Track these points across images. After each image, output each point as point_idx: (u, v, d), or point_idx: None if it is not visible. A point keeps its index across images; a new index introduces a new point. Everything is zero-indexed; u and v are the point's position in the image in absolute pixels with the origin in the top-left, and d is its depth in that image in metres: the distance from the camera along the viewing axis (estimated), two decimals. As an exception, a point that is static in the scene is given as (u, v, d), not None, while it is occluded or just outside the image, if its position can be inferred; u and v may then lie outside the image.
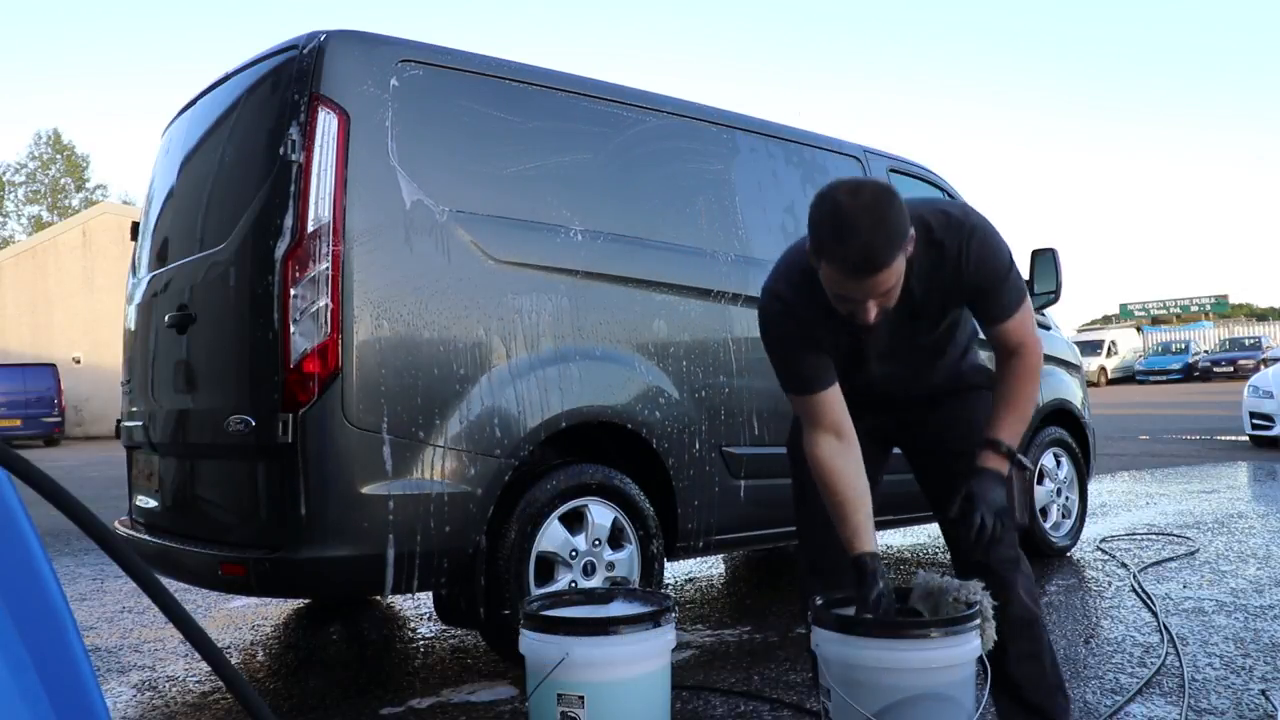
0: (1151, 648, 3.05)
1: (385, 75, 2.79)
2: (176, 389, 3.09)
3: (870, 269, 1.80)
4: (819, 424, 2.09)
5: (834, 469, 2.05)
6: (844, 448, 2.07)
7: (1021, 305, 2.06)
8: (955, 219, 2.01)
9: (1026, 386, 2.08)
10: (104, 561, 5.49)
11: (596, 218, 3.17)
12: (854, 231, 1.79)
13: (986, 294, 2.03)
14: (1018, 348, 2.07)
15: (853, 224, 1.79)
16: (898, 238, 1.81)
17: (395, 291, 2.70)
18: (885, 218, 1.79)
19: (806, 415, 2.12)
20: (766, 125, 3.84)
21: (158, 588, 0.86)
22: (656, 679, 2.12)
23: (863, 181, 1.88)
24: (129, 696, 3.02)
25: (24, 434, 20.49)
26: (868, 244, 1.79)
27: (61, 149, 43.70)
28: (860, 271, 1.81)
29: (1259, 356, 27.54)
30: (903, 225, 1.82)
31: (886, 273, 1.82)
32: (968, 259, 1.99)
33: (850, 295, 1.87)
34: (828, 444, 2.07)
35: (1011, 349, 2.08)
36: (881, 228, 1.79)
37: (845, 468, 2.06)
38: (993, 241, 2.02)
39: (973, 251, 1.99)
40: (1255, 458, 9.14)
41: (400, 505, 2.65)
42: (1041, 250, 4.53)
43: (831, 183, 1.90)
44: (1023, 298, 2.07)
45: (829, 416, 2.08)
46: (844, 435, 2.08)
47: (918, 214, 2.00)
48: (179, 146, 3.40)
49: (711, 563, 4.95)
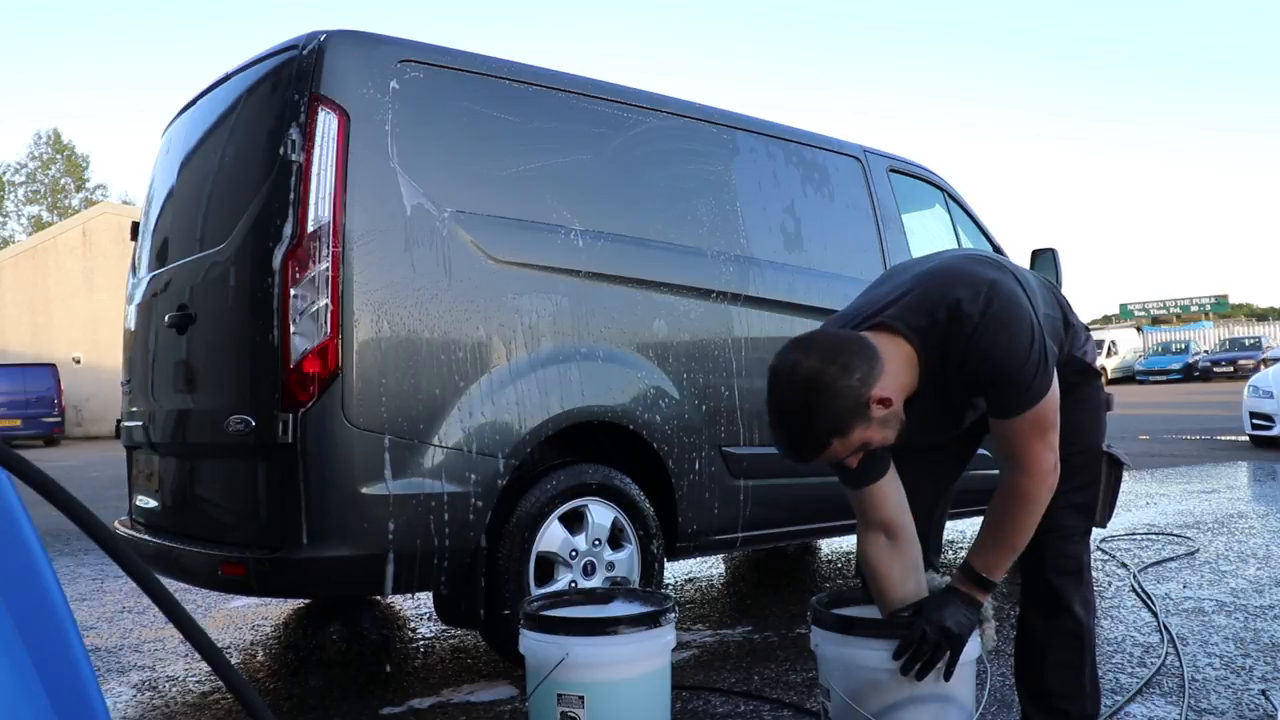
0: (1151, 648, 3.05)
1: (385, 75, 2.79)
2: (176, 389, 3.09)
3: (803, 458, 1.76)
4: (869, 520, 1.96)
5: (881, 571, 1.95)
6: (894, 548, 1.94)
7: (1025, 413, 1.79)
8: (963, 312, 1.79)
9: (1018, 516, 1.84)
10: (104, 561, 5.49)
11: (597, 218, 3.17)
12: (777, 418, 1.76)
13: (985, 388, 1.84)
14: (1015, 460, 1.83)
15: (779, 417, 1.75)
16: (827, 430, 1.71)
17: (395, 291, 2.70)
18: (810, 412, 1.70)
19: (857, 509, 1.99)
20: (766, 125, 3.84)
21: (158, 588, 0.86)
22: (656, 679, 2.12)
23: (802, 362, 1.74)
24: (129, 696, 3.02)
25: (24, 434, 20.48)
26: (789, 438, 1.75)
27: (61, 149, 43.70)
28: (795, 459, 1.77)
29: (1259, 356, 27.52)
30: (836, 415, 1.70)
31: (824, 457, 1.75)
32: (975, 351, 1.80)
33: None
34: (877, 543, 1.95)
35: (1009, 457, 1.84)
36: (802, 424, 1.72)
37: (892, 571, 1.94)
38: (1001, 334, 1.77)
39: (979, 345, 1.79)
40: (1255, 458, 9.13)
41: (400, 505, 2.65)
42: (1041, 250, 4.53)
43: (790, 341, 1.81)
44: (1032, 405, 1.79)
45: (879, 513, 1.94)
46: (896, 533, 1.94)
47: (931, 310, 1.82)
48: (179, 147, 3.40)
49: (711, 563, 4.95)
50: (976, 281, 1.82)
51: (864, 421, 1.73)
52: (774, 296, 3.58)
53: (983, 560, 1.88)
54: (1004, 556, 1.88)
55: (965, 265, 1.90)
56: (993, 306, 1.79)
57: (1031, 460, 1.82)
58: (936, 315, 1.81)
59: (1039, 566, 2.03)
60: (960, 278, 1.85)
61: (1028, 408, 1.80)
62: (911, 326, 1.83)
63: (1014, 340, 1.78)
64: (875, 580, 1.95)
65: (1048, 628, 2.05)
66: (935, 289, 1.85)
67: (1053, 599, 2.03)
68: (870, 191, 4.09)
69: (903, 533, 1.94)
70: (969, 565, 1.89)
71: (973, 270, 1.87)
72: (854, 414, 1.71)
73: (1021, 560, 1.99)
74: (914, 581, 1.95)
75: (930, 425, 1.98)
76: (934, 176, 4.54)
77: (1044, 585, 2.03)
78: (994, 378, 1.80)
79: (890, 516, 1.93)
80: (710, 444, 3.35)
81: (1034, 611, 2.08)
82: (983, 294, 1.80)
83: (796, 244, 3.73)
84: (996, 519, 1.88)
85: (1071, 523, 2.01)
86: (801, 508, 3.62)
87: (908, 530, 1.95)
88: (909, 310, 1.85)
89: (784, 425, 1.75)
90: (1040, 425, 1.81)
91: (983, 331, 1.77)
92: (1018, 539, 1.86)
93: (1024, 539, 1.86)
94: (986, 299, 1.79)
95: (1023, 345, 1.78)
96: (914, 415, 1.87)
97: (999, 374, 1.79)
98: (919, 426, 1.92)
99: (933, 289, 1.85)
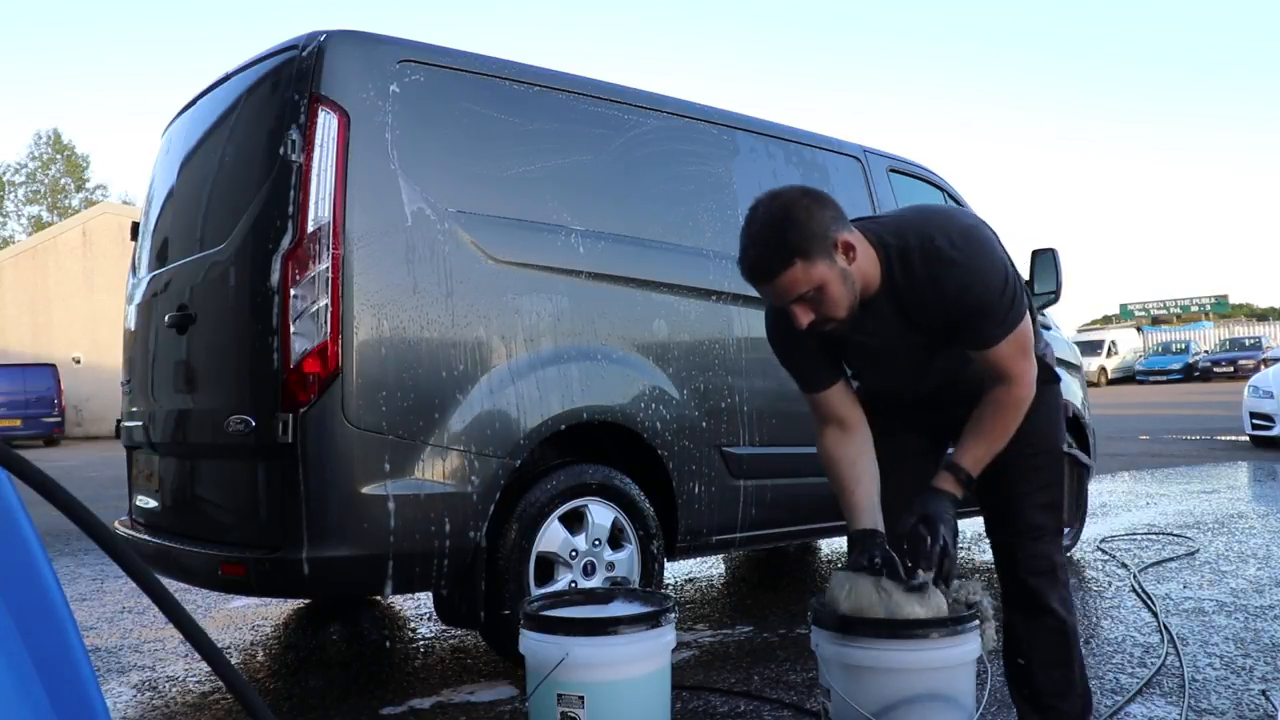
0: (1151, 648, 3.05)
1: (385, 76, 2.79)
2: (176, 389, 3.09)
3: (761, 276, 1.86)
4: (823, 418, 2.12)
5: (834, 455, 2.08)
6: (846, 436, 2.09)
7: (1007, 337, 1.93)
8: (936, 248, 1.91)
9: (1004, 418, 1.98)
10: (104, 561, 5.49)
11: (597, 218, 3.17)
12: (749, 239, 1.86)
13: (964, 325, 1.94)
14: (1003, 377, 1.97)
15: (750, 233, 1.86)
16: (795, 246, 1.81)
17: (395, 291, 2.70)
18: (783, 228, 1.81)
19: (813, 410, 2.16)
20: (766, 125, 3.84)
21: (158, 588, 0.86)
22: (656, 679, 2.12)
23: (783, 191, 1.89)
24: (129, 696, 3.02)
25: (24, 434, 20.48)
26: (759, 253, 1.84)
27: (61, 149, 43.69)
28: (754, 278, 1.88)
29: (1259, 356, 27.54)
30: (807, 233, 1.81)
31: (785, 279, 1.84)
32: (944, 290, 1.91)
33: (771, 300, 1.94)
34: (831, 434, 2.10)
35: (997, 377, 1.98)
36: (775, 237, 1.82)
37: (845, 453, 2.08)
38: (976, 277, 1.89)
39: (950, 284, 1.90)
40: (1255, 458, 9.14)
41: (400, 505, 2.65)
42: (1041, 250, 4.53)
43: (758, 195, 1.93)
44: (1012, 329, 1.93)
45: (833, 412, 2.10)
46: (848, 426, 2.10)
47: (903, 236, 1.95)
48: (179, 147, 3.40)
49: (711, 563, 4.95)
50: (953, 224, 1.95)
51: (828, 259, 1.84)
52: (774, 296, 3.58)
53: (970, 458, 1.98)
54: (988, 454, 1.99)
55: (949, 209, 2.07)
56: (970, 246, 1.91)
57: (1020, 374, 1.96)
58: (908, 240, 1.93)
59: (1013, 569, 2.11)
60: (940, 217, 2.00)
61: (1008, 332, 1.92)
62: (881, 241, 1.95)
63: (988, 278, 1.89)
64: (834, 465, 2.08)
65: (1030, 628, 2.11)
66: (914, 220, 1.99)
67: (1031, 600, 2.09)
68: (870, 191, 4.09)
69: (853, 424, 2.09)
70: (956, 464, 1.98)
71: (954, 213, 2.03)
72: (821, 242, 1.83)
73: (997, 564, 2.14)
74: (868, 461, 2.07)
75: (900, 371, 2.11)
76: (934, 176, 4.54)
77: (1020, 587, 2.10)
78: (972, 311, 1.90)
79: (844, 414, 2.09)
80: (710, 444, 3.35)
81: (1016, 614, 2.14)
82: (958, 235, 1.92)
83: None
84: (986, 423, 1.98)
85: (1040, 522, 2.10)
86: (801, 508, 3.62)
87: (858, 422, 2.10)
88: (883, 228, 1.98)
89: (755, 242, 1.85)
90: (1022, 345, 1.95)
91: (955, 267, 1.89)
92: (1004, 439, 1.99)
93: (1008, 438, 2.00)
94: (964, 238, 1.91)
95: (996, 282, 1.89)
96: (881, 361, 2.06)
97: (976, 306, 1.89)
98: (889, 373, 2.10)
99: (912, 219, 2.00)
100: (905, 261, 1.94)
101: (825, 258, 1.84)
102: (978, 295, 1.89)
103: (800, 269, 1.83)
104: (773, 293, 1.89)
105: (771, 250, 1.83)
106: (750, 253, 1.86)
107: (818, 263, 1.83)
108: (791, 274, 1.83)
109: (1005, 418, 1.98)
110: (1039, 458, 2.11)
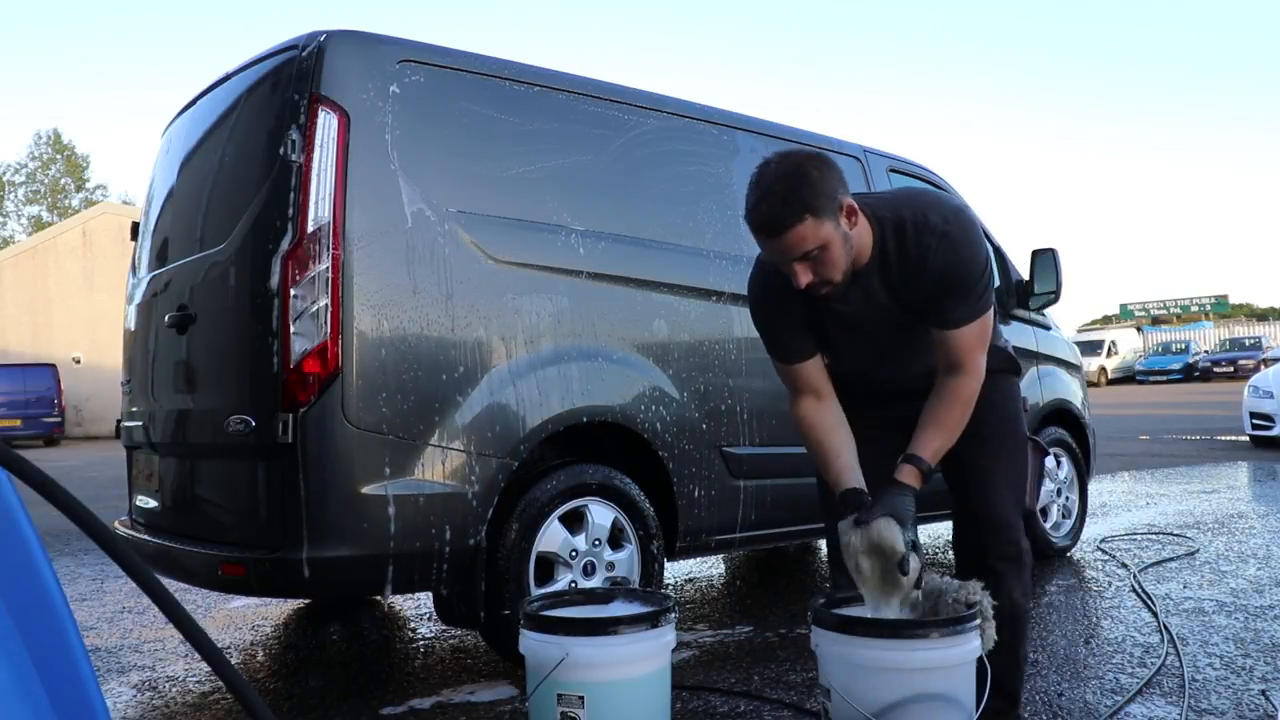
0: (1151, 648, 3.05)
1: (385, 76, 2.79)
2: (176, 389, 3.09)
3: (774, 229, 1.89)
4: (798, 389, 2.18)
5: (813, 422, 2.14)
6: (821, 405, 2.16)
7: (974, 321, 2.02)
8: (929, 222, 1.99)
9: (957, 410, 2.05)
10: (104, 561, 5.49)
11: (597, 218, 3.17)
12: (763, 193, 1.89)
13: (939, 301, 2.01)
14: (958, 366, 2.03)
15: (764, 186, 1.89)
16: (807, 202, 1.86)
17: (395, 291, 2.70)
18: (796, 184, 1.86)
19: (788, 382, 2.21)
20: (767, 125, 3.84)
21: (158, 588, 0.86)
22: (656, 679, 2.12)
23: (793, 151, 1.95)
24: (129, 696, 3.02)
25: (24, 434, 20.48)
26: (771, 206, 1.87)
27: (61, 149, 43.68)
28: (764, 231, 1.91)
29: (1259, 356, 27.53)
30: (818, 190, 1.87)
31: (794, 234, 1.88)
32: (932, 264, 1.99)
33: (774, 257, 1.96)
34: (807, 404, 2.17)
35: (952, 364, 2.04)
36: (787, 191, 1.86)
37: (823, 420, 2.14)
38: (964, 253, 1.98)
39: (939, 258, 1.98)
40: (1255, 458, 9.14)
41: (400, 505, 2.65)
42: (1041, 250, 4.53)
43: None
44: (980, 315, 2.02)
45: (808, 383, 2.17)
46: (822, 396, 2.17)
47: (897, 208, 2.04)
48: (179, 147, 3.40)
49: (711, 563, 4.95)
50: (945, 203, 2.06)
51: (834, 220, 1.91)
52: (774, 296, 3.58)
53: (928, 450, 2.04)
54: (945, 445, 2.07)
55: (938, 193, 2.17)
56: (960, 222, 2.01)
57: (974, 365, 2.04)
58: (903, 215, 2.01)
59: (983, 554, 2.18)
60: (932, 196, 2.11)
61: (976, 317, 2.01)
62: (877, 215, 2.03)
63: (974, 254, 2.00)
64: (809, 429, 2.15)
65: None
66: (909, 199, 2.08)
67: (994, 585, 2.12)
68: (870, 191, 4.09)
69: (827, 395, 2.17)
70: (916, 456, 2.04)
71: (944, 195, 2.15)
72: (830, 202, 1.89)
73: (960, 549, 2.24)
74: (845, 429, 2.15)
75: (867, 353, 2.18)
76: (934, 177, 4.53)
77: (988, 572, 2.14)
78: (951, 286, 1.99)
79: (818, 386, 2.17)
80: (710, 444, 3.35)
81: None
82: (950, 212, 2.02)
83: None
84: (941, 414, 2.05)
85: (1009, 510, 2.19)
86: (801, 508, 3.62)
87: (830, 395, 2.18)
88: (879, 202, 2.08)
89: (766, 195, 1.89)
90: (983, 336, 2.05)
91: (947, 241, 1.97)
92: (958, 430, 2.07)
93: (961, 429, 2.08)
94: (955, 215, 2.02)
95: (980, 261, 2.00)
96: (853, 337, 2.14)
97: (957, 282, 1.98)
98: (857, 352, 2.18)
99: (906, 197, 2.10)
100: (899, 233, 2.01)
101: (831, 218, 1.90)
102: (961, 271, 1.98)
103: (810, 225, 1.87)
104: (778, 248, 1.92)
105: (784, 204, 1.86)
106: (761, 206, 1.89)
107: (825, 222, 1.88)
108: (801, 230, 1.87)
109: (958, 409, 2.05)
110: (1005, 449, 2.21)
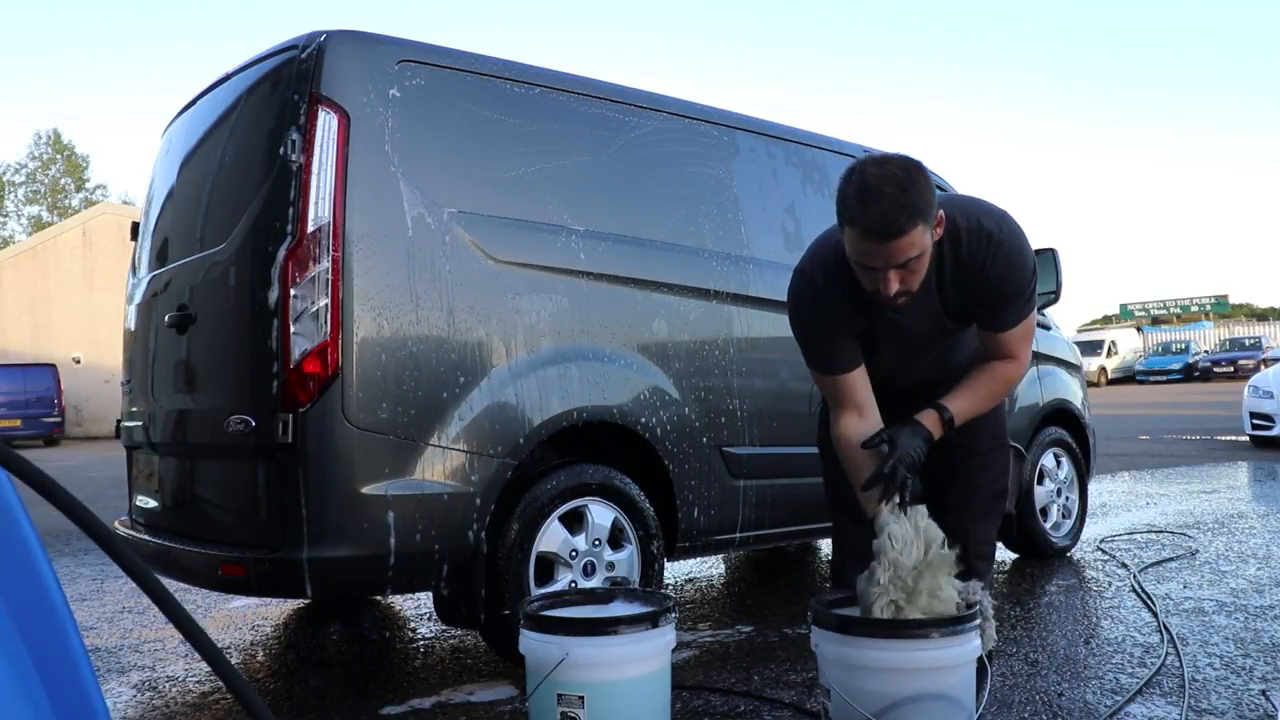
0: (1151, 648, 3.05)
1: (385, 76, 2.79)
2: (176, 389, 3.09)
3: (890, 233, 1.86)
4: (842, 403, 2.18)
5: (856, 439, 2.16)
6: (865, 424, 2.16)
7: (1024, 321, 2.11)
8: (985, 231, 2.03)
9: (996, 386, 2.15)
10: (104, 561, 5.49)
11: (597, 218, 3.17)
12: (876, 196, 1.85)
13: (994, 307, 2.09)
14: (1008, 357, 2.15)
15: (876, 189, 1.86)
16: (919, 209, 1.86)
17: (395, 291, 2.70)
18: (907, 188, 1.85)
19: (832, 395, 2.21)
20: (766, 125, 3.84)
21: (158, 588, 0.86)
22: (656, 679, 2.12)
23: (891, 155, 1.94)
24: (129, 696, 3.02)
25: (24, 434, 20.48)
26: (888, 209, 1.85)
27: (61, 149, 43.67)
28: (880, 235, 1.87)
29: (1259, 356, 27.52)
30: (926, 198, 1.87)
31: (906, 240, 1.86)
32: (989, 273, 2.03)
33: (872, 263, 1.92)
34: (849, 422, 2.17)
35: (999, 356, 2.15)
36: (903, 195, 1.85)
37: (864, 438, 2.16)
38: (1017, 260, 2.05)
39: (996, 267, 2.03)
40: (1255, 458, 9.13)
41: (400, 505, 2.65)
42: (1041, 250, 4.52)
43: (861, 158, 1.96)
44: (1029, 313, 2.12)
45: (852, 396, 2.16)
46: (865, 413, 2.17)
47: (951, 215, 2.04)
48: (179, 147, 3.40)
49: (711, 563, 4.95)
50: (991, 209, 2.13)
51: (929, 229, 1.92)
52: (774, 297, 3.57)
53: (956, 405, 2.15)
54: (972, 411, 2.18)
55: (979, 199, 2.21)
56: (1010, 228, 2.08)
57: (1021, 355, 2.16)
58: (957, 222, 2.04)
59: (964, 549, 2.21)
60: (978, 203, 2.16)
61: (1024, 319, 2.12)
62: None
63: (1026, 261, 2.07)
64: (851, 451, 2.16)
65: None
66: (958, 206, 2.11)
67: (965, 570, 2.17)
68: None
69: (869, 410, 2.20)
70: (944, 405, 2.11)
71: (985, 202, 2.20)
72: (932, 210, 1.90)
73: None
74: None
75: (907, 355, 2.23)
76: (934, 177, 4.54)
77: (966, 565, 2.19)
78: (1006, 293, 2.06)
79: (861, 399, 2.20)
80: (710, 444, 3.35)
81: None
82: (999, 218, 2.09)
83: (797, 244, 3.72)
84: (981, 384, 2.17)
85: (991, 509, 2.31)
86: (801, 508, 3.62)
87: (874, 408, 2.21)
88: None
89: (880, 196, 1.86)
90: (1030, 331, 2.18)
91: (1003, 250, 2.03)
92: (989, 404, 2.19)
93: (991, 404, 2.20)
94: (1004, 221, 2.08)
95: (1030, 267, 2.09)
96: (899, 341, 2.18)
97: (1011, 289, 2.06)
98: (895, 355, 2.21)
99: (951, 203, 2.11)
100: (955, 242, 2.03)
101: (929, 226, 1.91)
102: (1015, 278, 2.04)
103: (919, 232, 1.88)
104: (883, 253, 1.89)
105: (899, 208, 1.85)
106: (872, 209, 1.86)
107: (926, 231, 1.90)
108: (912, 236, 1.87)
109: (997, 386, 2.15)
110: (996, 451, 2.32)
